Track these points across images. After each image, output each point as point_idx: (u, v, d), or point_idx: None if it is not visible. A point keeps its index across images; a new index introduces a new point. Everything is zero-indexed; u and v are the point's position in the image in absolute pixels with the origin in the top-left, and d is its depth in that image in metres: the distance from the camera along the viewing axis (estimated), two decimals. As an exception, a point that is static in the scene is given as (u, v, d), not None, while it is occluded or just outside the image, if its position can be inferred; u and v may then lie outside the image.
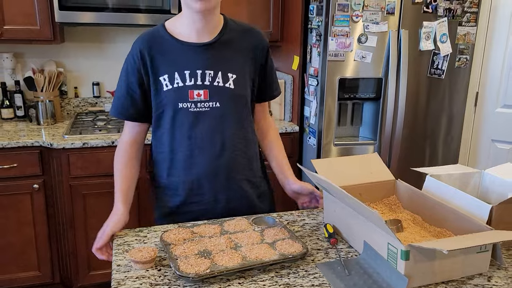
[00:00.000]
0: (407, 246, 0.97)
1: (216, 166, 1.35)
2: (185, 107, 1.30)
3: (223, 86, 1.31)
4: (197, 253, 1.08)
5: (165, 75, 1.30)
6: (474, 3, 2.40)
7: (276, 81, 1.51)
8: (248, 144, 1.40)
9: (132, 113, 1.35)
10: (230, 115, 1.34)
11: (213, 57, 1.31)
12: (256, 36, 1.39)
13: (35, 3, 2.32)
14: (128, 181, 1.36)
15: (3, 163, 2.20)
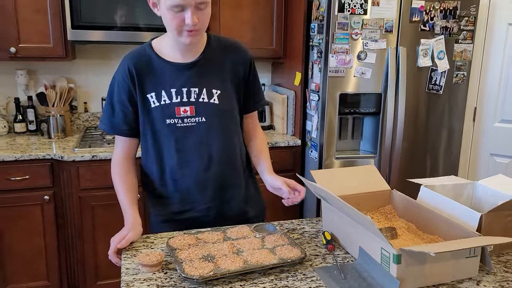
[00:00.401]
0: (398, 250, 1.03)
1: (204, 178, 1.42)
2: (172, 123, 1.37)
3: (208, 102, 1.38)
4: (201, 257, 1.15)
5: (152, 93, 1.37)
6: (470, 22, 2.48)
7: (260, 92, 1.55)
8: (235, 154, 1.47)
9: (124, 129, 1.41)
10: (216, 129, 1.40)
11: (197, 75, 1.38)
12: (237, 51, 1.45)
13: (49, 23, 2.44)
14: (132, 193, 1.42)
15: (16, 175, 2.29)
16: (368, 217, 1.01)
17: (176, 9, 1.22)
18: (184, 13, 1.23)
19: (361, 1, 2.31)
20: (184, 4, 1.21)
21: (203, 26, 1.29)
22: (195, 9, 1.23)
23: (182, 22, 1.24)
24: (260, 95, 1.54)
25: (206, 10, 1.27)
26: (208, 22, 1.32)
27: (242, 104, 1.49)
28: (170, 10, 1.23)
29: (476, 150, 2.76)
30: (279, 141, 2.67)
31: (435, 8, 2.42)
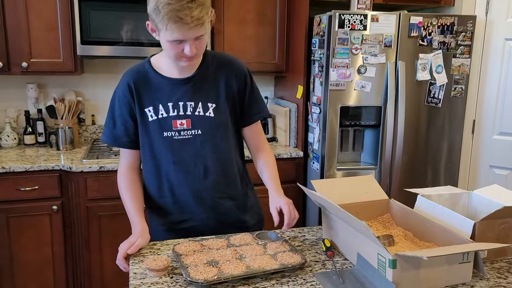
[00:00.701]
0: (394, 255, 1.08)
1: (201, 188, 1.47)
2: (169, 136, 1.43)
3: (204, 115, 1.44)
4: (206, 263, 1.20)
5: (150, 107, 1.43)
6: (467, 37, 2.56)
7: (259, 104, 1.57)
8: (231, 166, 1.52)
9: (125, 141, 1.48)
10: (212, 141, 1.46)
11: (193, 89, 1.44)
12: (231, 66, 1.49)
13: (60, 39, 2.53)
14: (138, 204, 1.48)
15: (25, 185, 2.35)
16: (363, 222, 1.06)
17: (176, 42, 1.28)
18: (183, 45, 1.29)
19: (361, 17, 2.39)
20: (183, 39, 1.28)
21: (200, 52, 1.36)
22: (194, 41, 1.29)
23: (181, 51, 1.30)
24: (258, 107, 1.56)
25: (203, 39, 1.32)
26: (205, 46, 1.37)
27: (240, 117, 1.53)
28: (170, 42, 1.29)
29: (475, 162, 2.81)
30: (282, 153, 2.73)
31: (432, 24, 2.50)
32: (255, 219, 1.62)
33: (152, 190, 1.52)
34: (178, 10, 1.22)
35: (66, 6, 2.50)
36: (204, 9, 1.25)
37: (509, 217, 1.29)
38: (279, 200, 1.44)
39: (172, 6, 1.22)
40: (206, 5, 1.27)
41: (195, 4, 1.23)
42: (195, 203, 1.49)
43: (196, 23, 1.24)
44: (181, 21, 1.22)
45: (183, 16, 1.22)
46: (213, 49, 2.74)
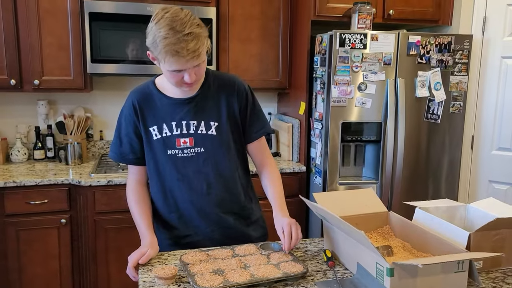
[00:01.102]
0: (391, 264, 1.13)
1: (204, 203, 1.53)
2: (173, 153, 1.50)
3: (206, 133, 1.51)
4: (212, 271, 1.26)
5: (155, 126, 1.50)
6: (464, 55, 2.63)
7: (261, 120, 1.60)
8: (233, 182, 1.57)
9: (132, 158, 1.55)
10: (214, 158, 1.52)
11: (195, 109, 1.50)
12: (232, 86, 1.54)
13: (71, 57, 2.63)
14: (147, 217, 1.54)
15: (35, 199, 2.42)
16: (361, 231, 1.12)
17: (175, 72, 1.34)
18: (182, 73, 1.35)
19: (361, 37, 2.48)
20: (183, 69, 1.34)
21: (199, 78, 1.42)
22: (192, 69, 1.35)
23: (181, 79, 1.37)
24: (260, 123, 1.60)
25: (202, 66, 1.38)
26: (204, 71, 1.44)
27: (243, 134, 1.59)
28: (169, 72, 1.35)
29: (475, 177, 2.86)
30: (285, 168, 2.79)
31: (430, 43, 2.58)
32: (259, 233, 1.66)
33: (158, 205, 1.58)
34: (174, 43, 1.27)
35: (78, 26, 2.61)
36: (200, 41, 1.31)
37: (503, 228, 1.35)
38: (282, 221, 1.45)
39: (168, 40, 1.27)
40: (202, 36, 1.32)
41: (191, 36, 1.28)
42: (200, 218, 1.54)
43: (192, 55, 1.30)
44: (177, 54, 1.28)
45: (180, 50, 1.27)
46: (218, 66, 2.84)
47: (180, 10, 1.33)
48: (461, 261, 1.19)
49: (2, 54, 2.54)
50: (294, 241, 1.40)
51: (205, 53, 1.37)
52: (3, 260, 2.43)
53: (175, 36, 1.27)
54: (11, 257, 2.44)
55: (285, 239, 1.40)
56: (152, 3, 2.66)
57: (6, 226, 2.40)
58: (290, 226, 1.42)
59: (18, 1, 2.53)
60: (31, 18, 2.55)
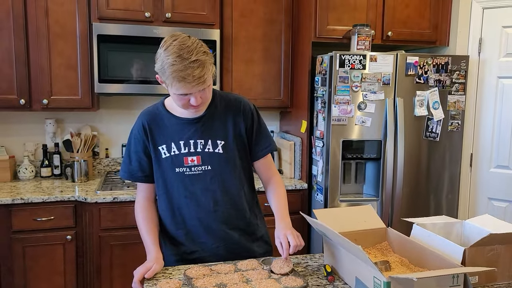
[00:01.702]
0: (388, 278, 1.18)
1: (211, 220, 1.58)
2: (181, 172, 1.56)
3: (213, 151, 1.57)
4: (215, 285, 1.30)
5: (163, 145, 1.57)
6: (461, 75, 2.71)
7: (267, 139, 1.66)
8: (239, 198, 1.62)
9: (140, 176, 1.61)
10: (221, 176, 1.58)
11: (203, 128, 1.57)
12: (238, 106, 1.61)
13: (79, 77, 2.72)
14: (154, 233, 1.58)
15: (42, 216, 2.47)
16: (359, 246, 1.16)
17: (182, 95, 1.41)
18: (189, 96, 1.42)
19: (360, 58, 2.56)
20: (189, 93, 1.41)
21: (206, 101, 1.49)
22: (198, 93, 1.42)
23: (187, 102, 1.44)
24: (266, 142, 1.66)
25: (208, 89, 1.45)
26: (210, 95, 1.51)
27: (249, 152, 1.65)
28: (177, 95, 1.42)
29: (474, 195, 2.89)
30: (287, 185, 2.84)
31: (428, 63, 2.65)
32: (264, 249, 1.70)
33: (166, 221, 1.63)
34: (181, 70, 1.34)
35: (86, 48, 2.70)
36: (205, 67, 1.38)
37: (497, 244, 1.39)
38: (282, 232, 1.49)
39: (176, 67, 1.34)
40: (208, 62, 1.39)
41: (197, 64, 1.35)
42: (206, 235, 1.59)
43: (198, 81, 1.37)
44: (184, 80, 1.35)
45: (186, 76, 1.35)
46: (222, 86, 2.91)
47: (188, 37, 1.40)
48: (456, 275, 1.23)
49: (12, 74, 2.63)
50: (292, 248, 1.44)
51: (210, 78, 1.44)
52: (9, 276, 2.47)
53: (182, 63, 1.34)
54: (17, 273, 2.47)
55: (283, 246, 1.44)
56: (158, 25, 2.76)
57: (13, 242, 2.45)
58: (286, 236, 1.46)
59: (29, 25, 2.63)
60: (42, 40, 2.64)
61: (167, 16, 2.76)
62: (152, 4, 2.75)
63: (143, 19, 2.75)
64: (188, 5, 2.81)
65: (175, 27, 2.76)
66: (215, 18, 2.86)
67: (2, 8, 2.58)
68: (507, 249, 1.41)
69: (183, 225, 1.60)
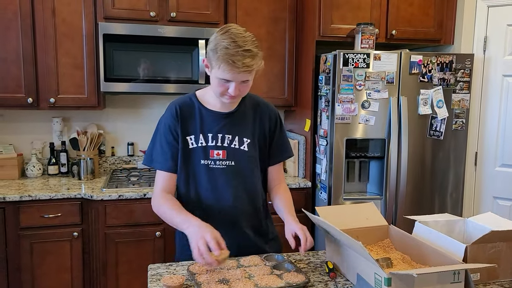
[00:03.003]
0: (388, 274, 1.19)
1: (229, 216, 1.60)
2: (206, 164, 1.58)
3: (239, 148, 1.60)
4: (218, 280, 1.32)
5: (192, 135, 1.59)
6: (466, 73, 2.70)
7: (286, 145, 1.74)
8: (256, 197, 1.66)
9: (170, 165, 1.60)
10: (242, 173, 1.61)
11: (232, 124, 1.61)
12: (266, 108, 1.68)
13: (85, 76, 2.75)
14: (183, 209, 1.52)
15: (49, 213, 2.51)
16: (359, 242, 1.18)
17: (223, 81, 1.46)
18: (229, 84, 1.46)
19: (364, 56, 2.56)
20: (231, 80, 1.45)
21: (243, 94, 1.54)
22: (239, 84, 1.47)
23: (226, 90, 1.48)
24: (286, 148, 1.73)
25: (248, 83, 1.50)
26: (248, 90, 1.55)
27: (268, 155, 1.69)
28: (218, 79, 1.46)
29: (479, 194, 2.89)
30: (291, 183, 2.85)
31: (432, 62, 2.65)
32: (274, 248, 1.72)
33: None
34: (232, 55, 1.40)
35: (92, 47, 2.73)
36: (255, 59, 1.44)
37: (499, 241, 1.39)
38: (294, 226, 1.52)
39: (228, 51, 1.40)
40: (258, 57, 1.45)
41: (249, 53, 1.41)
42: (223, 230, 1.59)
43: (245, 69, 1.42)
44: (233, 64, 1.40)
45: (236, 61, 1.40)
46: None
47: (244, 30, 1.47)
48: (457, 271, 1.24)
49: (20, 73, 2.67)
50: (309, 244, 1.46)
51: (253, 74, 1.49)
52: (17, 273, 2.50)
53: (235, 49, 1.40)
54: (25, 270, 2.51)
55: (302, 241, 1.45)
56: (163, 25, 2.78)
57: (20, 238, 2.49)
58: (303, 232, 1.48)
59: (37, 24, 2.66)
60: (49, 40, 2.68)
61: (172, 16, 2.79)
62: (157, 4, 2.77)
63: (148, 19, 2.77)
64: (192, 5, 2.83)
65: (180, 26, 2.78)
66: (219, 17, 2.87)
67: (10, 8, 2.62)
68: (508, 246, 1.42)
69: (201, 216, 1.57)
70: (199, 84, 2.81)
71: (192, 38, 2.79)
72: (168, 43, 2.78)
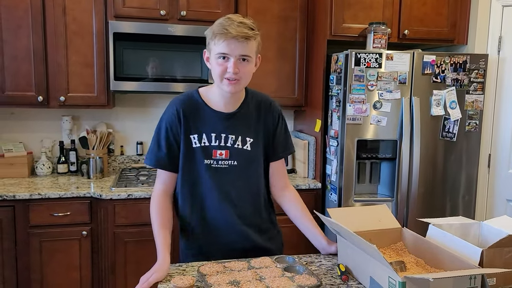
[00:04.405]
0: (403, 278, 1.16)
1: (230, 215, 1.59)
2: (208, 163, 1.56)
3: (242, 148, 1.59)
4: (228, 282, 1.30)
5: (195, 134, 1.57)
6: (479, 74, 2.66)
7: (288, 141, 1.73)
8: (258, 196, 1.65)
9: (167, 164, 1.59)
10: (245, 172, 1.60)
11: (235, 124, 1.59)
12: (269, 106, 1.66)
13: (95, 75, 2.75)
14: (166, 229, 1.56)
15: (58, 211, 2.51)
16: (374, 245, 1.15)
17: (222, 57, 1.46)
18: (227, 62, 1.46)
19: (376, 56, 2.53)
20: (228, 53, 1.45)
21: (242, 77, 1.50)
22: (238, 61, 1.46)
23: (225, 69, 1.46)
24: (287, 144, 1.72)
25: (247, 64, 1.49)
26: (249, 77, 1.53)
27: (271, 152, 1.68)
28: (216, 58, 1.47)
29: (492, 196, 2.84)
30: (301, 184, 2.83)
31: (445, 62, 2.61)
32: (276, 246, 1.71)
33: (185, 212, 1.63)
34: (227, 25, 1.43)
35: (102, 46, 2.73)
36: (250, 32, 1.45)
37: (516, 246, 1.36)
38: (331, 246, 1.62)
39: (223, 23, 1.45)
40: (254, 32, 1.46)
41: (244, 25, 1.44)
42: (224, 229, 1.60)
43: (241, 35, 1.42)
44: (226, 32, 1.42)
45: (228, 28, 1.42)
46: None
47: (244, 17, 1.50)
48: (473, 276, 1.20)
49: (30, 72, 2.68)
50: None
51: (253, 52, 1.49)
52: (26, 271, 2.51)
53: (229, 21, 1.44)
54: (34, 268, 2.52)
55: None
56: (172, 23, 2.77)
57: (30, 237, 2.49)
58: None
59: (47, 23, 2.67)
60: (59, 38, 2.68)
61: (182, 14, 2.78)
62: (167, 2, 2.77)
63: (158, 17, 2.76)
64: (203, 3, 2.82)
65: (190, 25, 2.77)
66: (230, 16, 2.86)
67: (21, 6, 2.62)
68: (526, 251, 1.38)
69: (201, 216, 1.60)
70: (209, 84, 2.79)
71: (202, 37, 2.73)
72: (178, 42, 2.77)
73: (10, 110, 2.99)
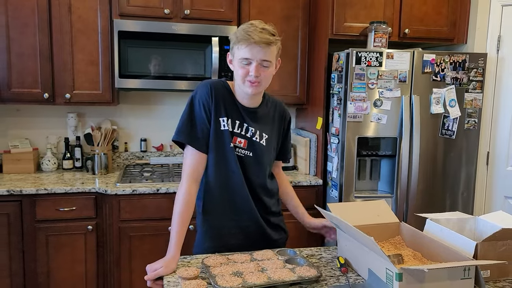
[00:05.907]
0: (400, 269, 1.21)
1: (248, 200, 1.67)
2: (232, 147, 1.63)
3: (259, 142, 1.67)
4: (232, 273, 1.35)
5: (224, 117, 1.63)
6: (478, 73, 2.70)
7: (288, 148, 1.86)
8: (267, 189, 1.73)
9: (201, 143, 1.61)
10: (258, 165, 1.68)
11: (256, 118, 1.68)
12: (283, 109, 1.79)
13: (100, 72, 2.79)
14: (185, 227, 1.57)
15: (64, 206, 2.56)
16: (371, 237, 1.20)
17: (244, 61, 1.54)
18: (250, 66, 1.54)
19: (377, 55, 2.57)
20: (250, 58, 1.53)
21: (263, 81, 1.58)
22: (259, 65, 1.54)
23: (247, 72, 1.55)
24: (288, 150, 1.86)
25: (268, 69, 1.57)
26: (269, 80, 1.61)
27: (278, 152, 1.80)
28: (239, 62, 1.55)
29: (490, 193, 2.88)
30: (302, 181, 2.88)
31: (445, 61, 2.65)
32: (282, 236, 1.81)
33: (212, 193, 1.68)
34: (250, 31, 1.52)
35: (107, 44, 2.78)
36: (271, 38, 1.53)
37: (509, 239, 1.40)
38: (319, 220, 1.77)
39: (246, 29, 1.53)
40: (275, 38, 1.55)
41: (266, 31, 1.53)
42: (242, 212, 1.68)
43: (262, 41, 1.51)
44: (249, 37, 1.50)
45: (251, 34, 1.51)
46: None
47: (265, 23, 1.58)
48: (467, 268, 1.25)
49: (37, 69, 2.73)
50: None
51: (274, 57, 1.58)
52: (32, 264, 2.56)
53: (252, 27, 1.53)
54: (40, 261, 2.57)
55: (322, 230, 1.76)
56: (176, 22, 2.81)
57: (36, 231, 2.55)
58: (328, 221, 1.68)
59: (53, 21, 2.71)
60: (65, 36, 2.73)
61: (186, 13, 2.82)
62: (171, 1, 2.81)
63: (162, 16, 2.81)
64: (206, 2, 2.86)
65: (194, 24, 2.82)
66: (233, 15, 2.90)
67: (27, 4, 2.67)
68: (519, 245, 1.42)
69: (227, 197, 1.67)
70: (212, 81, 2.84)
71: (206, 36, 2.83)
72: (182, 40, 2.81)
73: (16, 107, 3.04)
